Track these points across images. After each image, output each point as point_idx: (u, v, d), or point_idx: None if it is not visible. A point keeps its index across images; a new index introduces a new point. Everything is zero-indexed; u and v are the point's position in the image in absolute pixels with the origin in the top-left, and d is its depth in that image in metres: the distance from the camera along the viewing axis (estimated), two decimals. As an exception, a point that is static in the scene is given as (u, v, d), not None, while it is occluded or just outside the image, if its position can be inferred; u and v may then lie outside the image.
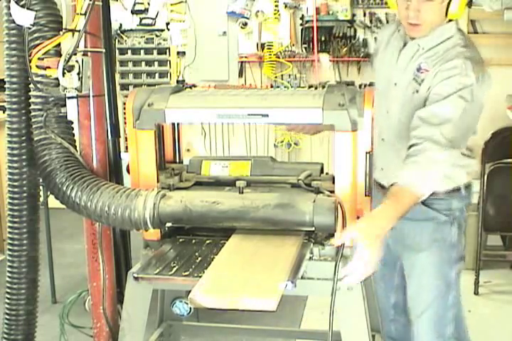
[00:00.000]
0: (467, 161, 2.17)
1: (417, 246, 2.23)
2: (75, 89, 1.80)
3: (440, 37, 2.10)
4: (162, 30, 5.84)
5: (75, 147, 1.94)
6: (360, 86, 5.10)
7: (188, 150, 5.42)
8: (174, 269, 1.73)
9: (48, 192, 1.90)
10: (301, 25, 5.55)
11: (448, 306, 2.23)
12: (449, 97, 1.97)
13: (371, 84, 5.14)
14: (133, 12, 5.80)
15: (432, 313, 2.23)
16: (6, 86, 1.91)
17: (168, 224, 1.88)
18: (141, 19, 5.84)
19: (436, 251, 2.20)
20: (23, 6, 1.78)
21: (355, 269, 1.66)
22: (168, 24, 5.76)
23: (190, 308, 2.08)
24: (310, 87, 2.14)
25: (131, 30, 5.87)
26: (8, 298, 2.03)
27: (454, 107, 1.97)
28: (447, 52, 2.06)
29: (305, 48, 5.55)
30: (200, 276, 1.66)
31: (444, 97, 1.97)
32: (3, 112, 2.05)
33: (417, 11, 2.04)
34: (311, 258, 1.78)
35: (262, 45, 5.60)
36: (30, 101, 1.89)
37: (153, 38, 5.88)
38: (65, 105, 1.91)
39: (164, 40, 5.86)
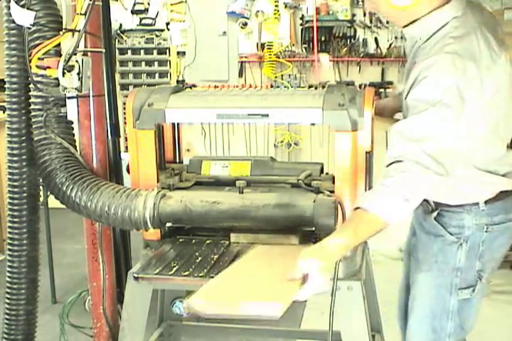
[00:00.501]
0: (489, 179, 1.87)
1: (420, 263, 2.01)
2: (75, 89, 1.80)
3: (433, 25, 1.82)
4: (162, 30, 5.85)
5: (75, 147, 1.94)
6: (360, 86, 5.10)
7: (188, 150, 5.42)
8: (174, 269, 1.73)
9: (48, 192, 1.91)
10: (301, 25, 5.56)
11: (444, 335, 1.98)
12: (429, 109, 1.68)
13: (371, 84, 5.17)
14: (133, 12, 5.81)
15: (424, 338, 2.01)
16: (6, 86, 1.91)
17: (168, 224, 1.88)
18: (141, 19, 5.85)
19: (435, 273, 1.96)
20: (23, 6, 1.78)
21: (305, 291, 1.58)
22: (168, 24, 5.76)
23: (190, 308, 2.08)
24: (310, 87, 2.07)
25: (131, 30, 5.88)
26: (8, 298, 2.03)
27: (434, 120, 1.68)
28: (435, 45, 1.78)
29: (305, 48, 5.55)
30: (200, 276, 1.66)
31: (422, 107, 1.69)
32: (3, 112, 2.05)
33: (369, 1, 1.90)
34: (311, 258, 1.78)
35: (262, 45, 5.60)
36: (30, 101, 1.89)
37: (153, 38, 5.89)
38: (65, 105, 1.91)
39: (164, 40, 5.87)
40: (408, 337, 2.06)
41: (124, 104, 1.94)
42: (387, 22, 5.30)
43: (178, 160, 2.11)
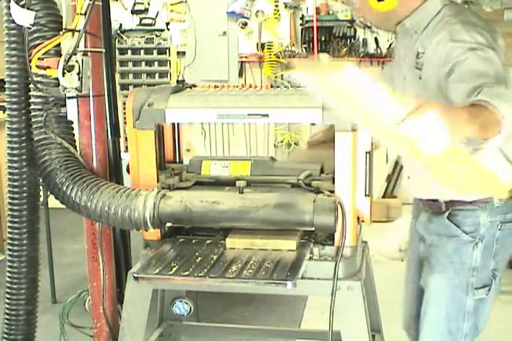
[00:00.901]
0: (508, 171, 1.86)
1: (433, 265, 2.00)
2: (75, 89, 1.80)
3: (427, 15, 1.93)
4: (162, 30, 5.85)
5: (75, 147, 1.94)
6: (360, 86, 5.09)
7: (188, 150, 5.43)
8: (174, 269, 1.73)
9: (48, 192, 1.91)
10: (301, 25, 5.56)
11: (459, 336, 1.97)
12: (466, 57, 1.71)
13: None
14: (133, 12, 5.82)
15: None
16: (6, 86, 1.91)
17: (168, 224, 1.88)
18: (141, 19, 5.85)
19: (451, 274, 1.95)
20: (23, 6, 1.78)
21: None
22: (168, 24, 5.77)
23: (190, 308, 2.08)
24: None
25: (131, 30, 5.89)
26: (8, 298, 2.03)
27: (478, 60, 1.70)
28: (436, 26, 1.89)
29: (305, 48, 5.55)
30: (200, 276, 1.66)
31: (461, 59, 1.72)
32: (3, 112, 2.05)
33: (356, 11, 2.04)
34: (311, 258, 1.78)
35: (262, 45, 5.61)
36: (30, 101, 1.89)
37: (153, 38, 5.89)
38: (65, 105, 1.91)
39: (164, 40, 5.87)
40: (422, 334, 2.02)
41: (124, 104, 1.94)
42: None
43: (178, 160, 2.11)
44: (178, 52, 5.84)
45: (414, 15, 1.94)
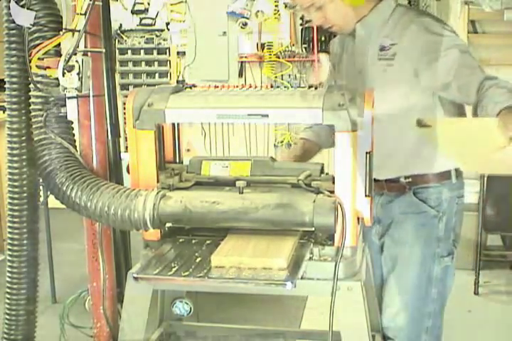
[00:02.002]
0: None
1: (402, 240, 2.23)
2: (75, 89, 1.80)
3: (385, 12, 2.17)
4: (162, 30, 5.86)
5: (75, 147, 1.94)
6: (360, 86, 5.09)
7: (188, 150, 5.42)
8: (174, 269, 1.73)
9: (48, 192, 1.90)
10: (301, 25, 5.56)
11: (428, 301, 2.21)
12: (451, 52, 2.00)
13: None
14: (133, 12, 5.82)
15: (411, 310, 2.21)
16: (6, 86, 1.91)
17: (168, 224, 1.88)
18: (141, 19, 5.86)
19: (420, 245, 2.20)
20: (23, 6, 1.78)
21: None
22: (168, 24, 5.77)
23: (190, 308, 2.08)
24: (310, 87, 2.19)
25: (131, 30, 5.89)
26: (8, 298, 2.03)
27: (464, 55, 1.99)
28: (401, 20, 2.13)
29: (305, 48, 5.55)
30: (200, 276, 1.66)
31: (446, 54, 1.99)
32: (3, 112, 2.05)
33: (319, 12, 2.13)
34: (311, 258, 1.78)
35: (262, 45, 5.61)
36: (30, 101, 1.89)
37: (153, 38, 5.89)
38: (65, 105, 1.91)
39: (164, 40, 5.87)
40: (393, 305, 2.23)
41: (124, 104, 1.94)
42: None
43: (178, 160, 2.11)
44: (178, 52, 5.84)
45: (373, 13, 2.16)
